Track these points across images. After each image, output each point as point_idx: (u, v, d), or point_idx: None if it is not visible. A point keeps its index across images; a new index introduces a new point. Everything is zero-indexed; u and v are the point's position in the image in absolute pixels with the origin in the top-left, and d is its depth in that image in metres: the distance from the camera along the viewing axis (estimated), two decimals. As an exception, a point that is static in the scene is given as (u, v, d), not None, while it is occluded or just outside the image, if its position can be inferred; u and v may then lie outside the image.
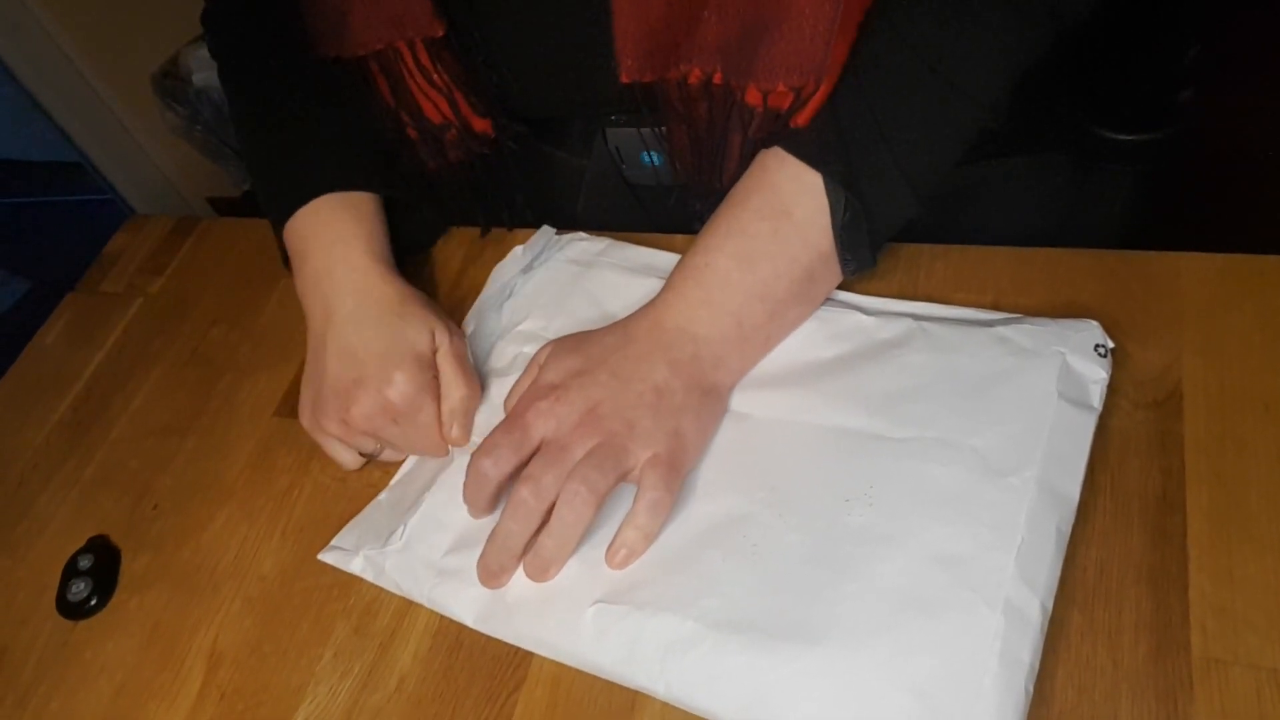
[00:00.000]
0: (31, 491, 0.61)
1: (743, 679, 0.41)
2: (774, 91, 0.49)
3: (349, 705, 0.47)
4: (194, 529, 0.56)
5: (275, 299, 0.68)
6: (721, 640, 0.42)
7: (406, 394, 0.52)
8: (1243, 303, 0.49)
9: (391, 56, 0.57)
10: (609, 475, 0.45)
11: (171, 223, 0.77)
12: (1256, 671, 0.39)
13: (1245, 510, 0.43)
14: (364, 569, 0.51)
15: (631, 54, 0.51)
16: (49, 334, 0.71)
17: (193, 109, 1.86)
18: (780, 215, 0.49)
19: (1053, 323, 0.48)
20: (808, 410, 0.49)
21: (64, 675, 0.52)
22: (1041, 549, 0.41)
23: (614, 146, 0.62)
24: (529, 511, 0.46)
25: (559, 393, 0.47)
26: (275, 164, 0.61)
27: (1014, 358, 0.47)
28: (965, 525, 0.43)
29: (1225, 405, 0.46)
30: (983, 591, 0.40)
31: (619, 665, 0.44)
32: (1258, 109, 1.18)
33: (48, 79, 1.73)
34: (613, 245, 0.61)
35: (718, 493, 0.48)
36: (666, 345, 0.49)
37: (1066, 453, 0.44)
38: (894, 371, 0.49)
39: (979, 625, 0.40)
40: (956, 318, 0.51)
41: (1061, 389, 0.46)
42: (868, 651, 0.40)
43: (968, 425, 0.46)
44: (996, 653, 0.39)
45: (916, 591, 0.41)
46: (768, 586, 0.44)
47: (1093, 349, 0.47)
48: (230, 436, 0.61)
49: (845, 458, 0.47)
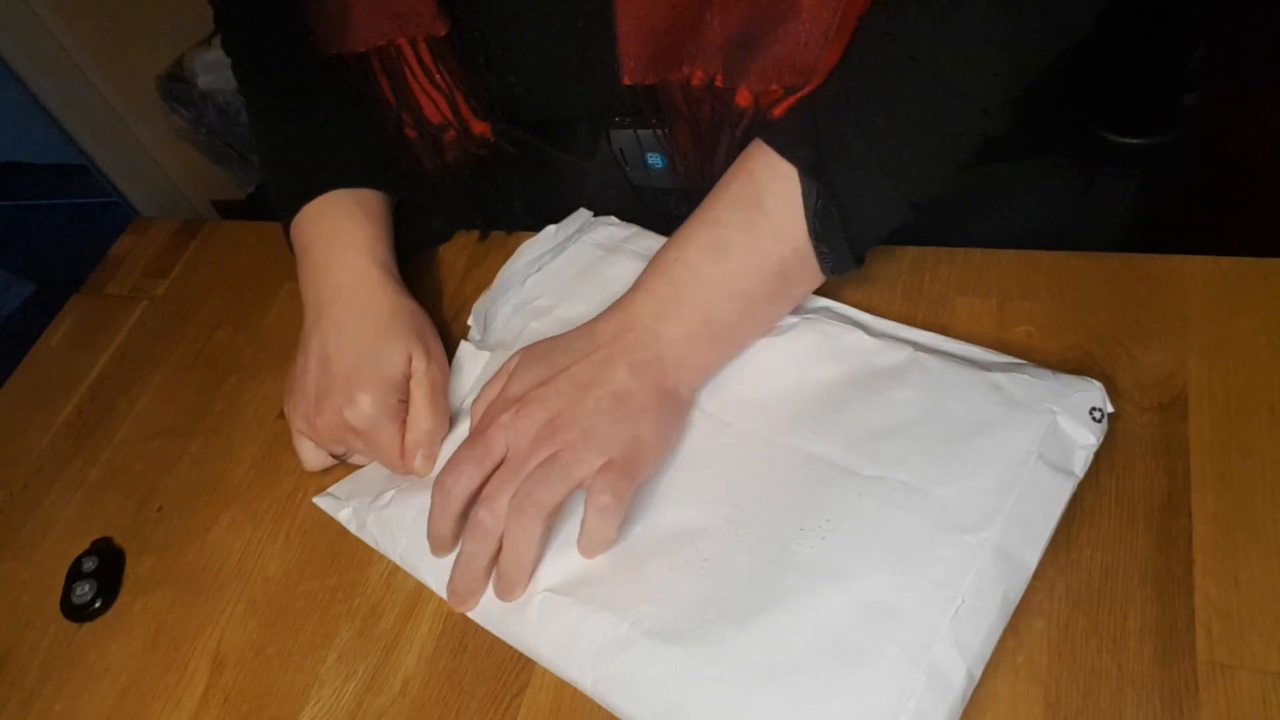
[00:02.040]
0: (36, 494, 0.61)
1: (664, 689, 0.42)
2: (766, 92, 0.49)
3: (353, 708, 0.47)
4: (198, 531, 0.56)
5: (280, 301, 0.68)
6: (651, 648, 0.43)
7: (366, 416, 0.52)
8: (1248, 306, 0.49)
9: (393, 54, 0.57)
10: (555, 489, 0.45)
11: (176, 225, 0.77)
12: (1262, 675, 0.39)
13: (1250, 514, 0.43)
14: (349, 519, 0.53)
15: (634, 56, 0.51)
16: (54, 336, 0.72)
17: (197, 112, 1.87)
18: (753, 206, 0.48)
19: (1053, 376, 0.46)
20: (788, 431, 0.49)
21: (68, 677, 0.52)
22: (982, 614, 0.40)
23: (618, 148, 0.62)
24: (486, 532, 0.46)
25: (519, 405, 0.47)
26: (286, 158, 0.61)
27: (1002, 408, 0.45)
28: (910, 577, 0.41)
29: (1230, 409, 0.46)
30: (909, 649, 0.39)
31: (555, 655, 0.45)
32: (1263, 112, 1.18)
33: (53, 82, 1.73)
34: (639, 233, 0.61)
35: (682, 500, 0.48)
36: (629, 346, 0.48)
37: (1031, 518, 0.42)
38: (881, 405, 0.48)
39: (898, 682, 0.39)
40: (957, 353, 0.50)
41: (1043, 450, 0.43)
42: (783, 686, 0.40)
43: (937, 473, 0.44)
44: (910, 711, 0.38)
45: (846, 636, 0.41)
46: (707, 603, 0.44)
47: (1088, 412, 0.44)
48: (235, 439, 0.61)
49: (811, 486, 0.46)
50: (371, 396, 0.53)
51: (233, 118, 1.88)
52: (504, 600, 0.47)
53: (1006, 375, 0.47)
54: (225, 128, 1.89)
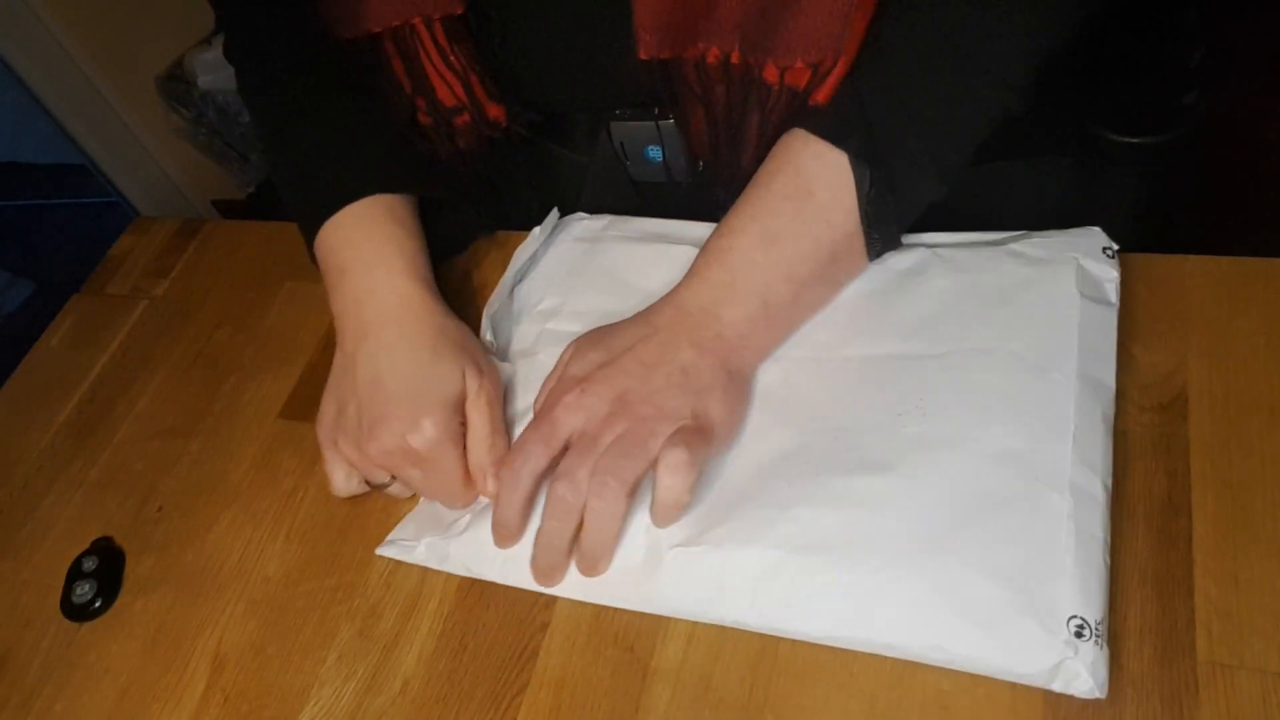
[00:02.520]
0: (36, 494, 0.61)
1: (833, 596, 0.43)
2: (791, 68, 0.49)
3: (353, 708, 0.47)
4: (198, 531, 0.56)
5: (280, 301, 0.68)
6: (806, 562, 0.44)
7: (431, 442, 0.50)
8: (1248, 306, 0.49)
9: (408, 34, 0.56)
10: (637, 461, 0.45)
11: (176, 225, 0.77)
12: (1262, 676, 0.39)
13: (1251, 514, 0.43)
14: (425, 558, 0.51)
15: (650, 28, 0.50)
16: (54, 336, 0.72)
17: (197, 112, 1.87)
18: (804, 196, 0.49)
19: (1058, 233, 0.51)
20: (842, 345, 0.51)
21: (68, 677, 0.52)
22: (1093, 434, 0.44)
23: (618, 142, 0.62)
24: (567, 508, 0.46)
25: (584, 384, 0.47)
26: (305, 163, 0.58)
27: (1031, 268, 0.50)
28: (1019, 422, 0.45)
29: (1231, 409, 0.46)
30: (1048, 479, 0.42)
31: (705, 604, 0.45)
32: (1263, 112, 1.18)
33: (53, 82, 1.73)
34: (615, 220, 0.62)
35: (768, 432, 0.49)
36: (691, 327, 0.49)
37: (1098, 345, 0.47)
38: (919, 297, 0.51)
39: (1050, 510, 0.42)
40: (968, 242, 0.53)
41: (1082, 289, 0.48)
42: (950, 550, 0.42)
43: (1002, 332, 0.48)
44: (1072, 532, 0.41)
45: (984, 488, 0.43)
46: (839, 504, 0.45)
47: (1101, 251, 0.49)
48: (235, 438, 0.61)
49: (889, 379, 0.48)
50: (434, 420, 0.50)
51: (233, 117, 1.88)
52: (587, 576, 0.47)
53: (1020, 243, 0.51)
54: (225, 127, 1.89)
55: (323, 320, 0.66)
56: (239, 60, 0.62)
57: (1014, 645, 0.40)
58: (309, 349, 0.64)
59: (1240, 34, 1.12)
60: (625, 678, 0.45)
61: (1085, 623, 0.39)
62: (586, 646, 0.46)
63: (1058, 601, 0.40)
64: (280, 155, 0.59)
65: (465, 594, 0.50)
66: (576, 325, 0.56)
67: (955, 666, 0.41)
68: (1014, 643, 0.40)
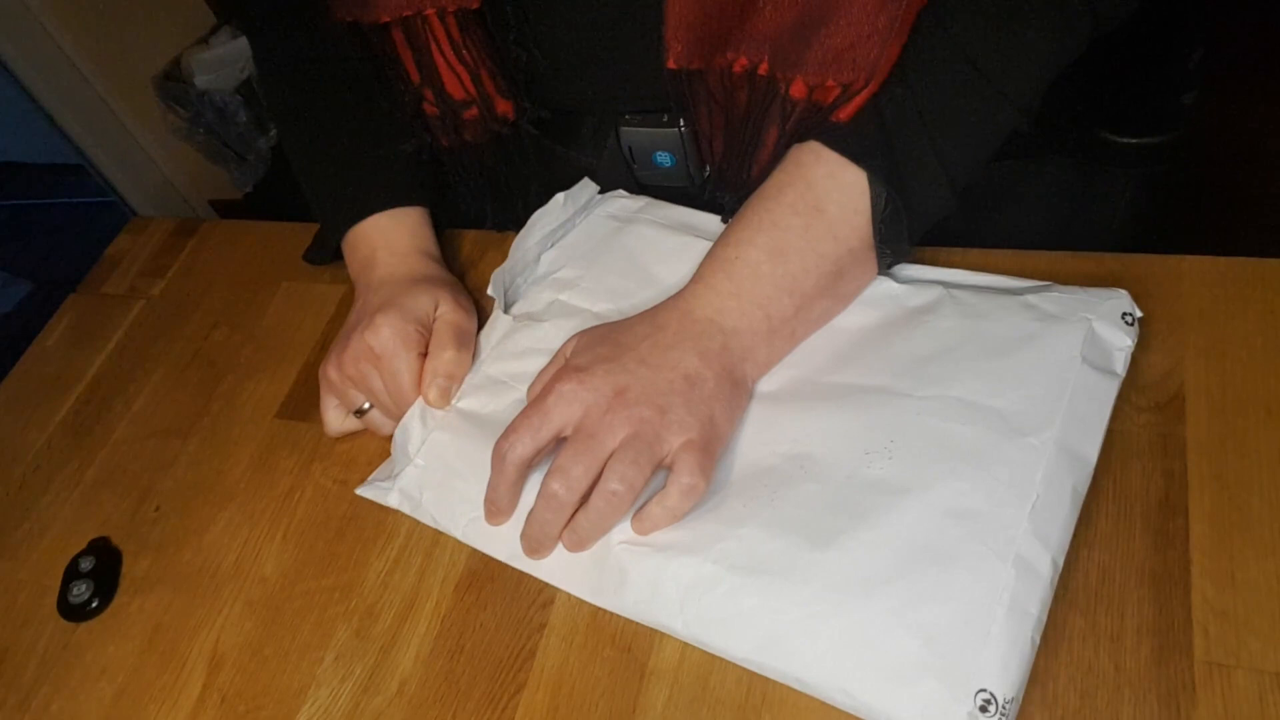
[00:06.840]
0: (33, 493, 0.61)
1: (758, 619, 0.43)
2: (821, 86, 0.49)
3: (350, 708, 0.47)
4: (195, 531, 0.56)
5: (277, 301, 0.68)
6: (739, 582, 0.44)
7: (385, 340, 0.55)
8: (1245, 306, 0.49)
9: (419, 25, 0.56)
10: (645, 469, 0.46)
11: (173, 225, 0.77)
12: (1259, 675, 0.39)
13: (1247, 514, 0.43)
14: (400, 502, 0.53)
15: (682, 40, 0.50)
16: (51, 336, 0.72)
17: (195, 111, 1.87)
18: (813, 211, 0.49)
19: (1081, 291, 0.49)
20: (833, 370, 0.50)
21: (65, 677, 0.52)
22: (1056, 507, 0.42)
23: (626, 146, 0.62)
24: (561, 504, 0.46)
25: (582, 376, 0.47)
26: (328, 180, 0.64)
27: (1040, 323, 0.48)
28: (982, 481, 0.43)
29: (1227, 409, 0.46)
30: (994, 545, 0.41)
31: (640, 604, 0.45)
32: (1261, 113, 1.18)
33: (50, 81, 1.73)
34: (651, 203, 0.62)
35: (736, 445, 0.49)
36: (696, 335, 0.49)
37: (1087, 415, 0.45)
38: (921, 336, 0.50)
39: (989, 577, 0.41)
40: (986, 285, 0.52)
41: (1085, 354, 0.46)
42: (879, 597, 0.41)
43: (991, 387, 0.46)
44: (1005, 604, 0.40)
45: (930, 542, 0.42)
46: (785, 532, 0.44)
47: (1120, 317, 0.47)
48: (232, 438, 0.61)
49: (867, 414, 0.48)
50: (389, 321, 0.55)
51: (230, 117, 1.88)
52: (571, 551, 0.48)
53: (1037, 295, 0.49)
54: (223, 127, 1.89)
55: (320, 320, 0.66)
56: (261, 56, 0.66)
57: (917, 705, 0.39)
58: (306, 349, 0.64)
59: (1239, 35, 1.12)
60: (623, 678, 0.45)
61: (993, 698, 0.38)
62: (584, 647, 0.46)
63: (971, 671, 0.39)
64: (303, 167, 0.65)
65: (463, 594, 0.50)
66: (588, 303, 0.57)
67: (858, 715, 0.40)
68: (918, 702, 0.39)
